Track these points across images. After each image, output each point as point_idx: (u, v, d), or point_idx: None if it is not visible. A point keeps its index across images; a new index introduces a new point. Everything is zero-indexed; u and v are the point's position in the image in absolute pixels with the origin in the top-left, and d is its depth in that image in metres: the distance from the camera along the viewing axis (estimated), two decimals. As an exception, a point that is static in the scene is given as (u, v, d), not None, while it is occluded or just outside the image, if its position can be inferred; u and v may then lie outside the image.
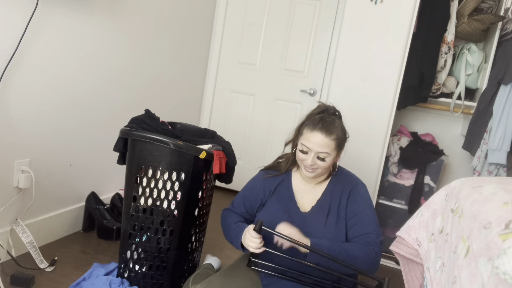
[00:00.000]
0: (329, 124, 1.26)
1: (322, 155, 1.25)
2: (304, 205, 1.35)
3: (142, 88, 2.32)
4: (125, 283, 1.50)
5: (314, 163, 1.27)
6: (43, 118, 1.68)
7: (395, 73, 2.18)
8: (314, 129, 1.25)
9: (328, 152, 1.25)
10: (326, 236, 1.26)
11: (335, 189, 1.35)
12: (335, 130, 1.26)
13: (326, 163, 1.27)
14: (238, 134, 3.06)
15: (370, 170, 2.25)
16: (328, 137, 1.24)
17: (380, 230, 1.29)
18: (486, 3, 2.24)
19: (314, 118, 1.28)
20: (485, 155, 1.94)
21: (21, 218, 1.64)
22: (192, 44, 2.79)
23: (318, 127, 1.25)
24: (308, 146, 1.25)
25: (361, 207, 1.30)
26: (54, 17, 1.63)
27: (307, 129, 1.27)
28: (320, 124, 1.25)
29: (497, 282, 0.64)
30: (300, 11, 2.81)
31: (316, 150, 1.25)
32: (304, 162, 1.29)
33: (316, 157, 1.26)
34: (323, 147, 1.24)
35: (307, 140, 1.26)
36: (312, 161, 1.26)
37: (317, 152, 1.25)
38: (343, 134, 1.29)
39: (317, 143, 1.24)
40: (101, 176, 2.12)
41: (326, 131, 1.24)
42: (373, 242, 1.24)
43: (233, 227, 1.32)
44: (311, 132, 1.25)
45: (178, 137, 1.57)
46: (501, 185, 0.87)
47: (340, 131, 1.27)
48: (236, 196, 1.48)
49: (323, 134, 1.24)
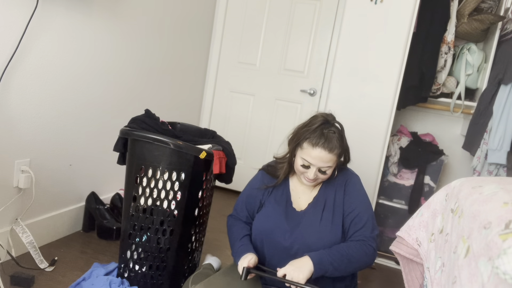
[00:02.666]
0: (331, 139, 1.23)
1: (324, 168, 1.25)
2: (301, 204, 1.36)
3: (142, 88, 2.32)
4: (125, 283, 1.50)
5: (316, 177, 1.27)
6: (43, 118, 1.68)
7: (395, 73, 2.19)
8: (317, 145, 1.22)
9: (330, 166, 1.25)
10: (322, 231, 1.26)
11: (330, 184, 1.35)
12: (337, 143, 1.23)
13: (327, 175, 1.28)
14: (238, 134, 3.06)
15: (370, 170, 2.25)
16: (331, 153, 1.22)
17: (375, 223, 1.30)
18: (486, 3, 2.24)
19: (315, 131, 1.24)
20: (485, 155, 1.94)
21: (21, 218, 1.64)
22: (192, 44, 2.79)
23: (321, 143, 1.21)
24: (311, 162, 1.24)
25: (357, 202, 1.31)
26: (54, 17, 1.63)
27: (308, 144, 1.24)
28: (322, 139, 1.22)
29: (497, 282, 0.64)
30: (300, 11, 2.81)
31: (319, 166, 1.24)
32: (305, 175, 1.29)
33: (318, 171, 1.26)
34: (325, 162, 1.23)
35: (309, 155, 1.23)
36: (314, 175, 1.26)
37: (319, 167, 1.25)
38: (344, 145, 1.28)
39: (320, 159, 1.22)
40: (101, 176, 2.12)
41: (328, 146, 1.21)
42: (369, 237, 1.25)
43: (237, 245, 1.32)
44: (313, 148, 1.22)
45: (178, 137, 1.57)
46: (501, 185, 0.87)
47: (341, 143, 1.26)
48: (237, 200, 1.48)
49: (326, 150, 1.21)
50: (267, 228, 1.31)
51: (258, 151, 3.02)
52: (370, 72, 2.23)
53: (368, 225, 1.27)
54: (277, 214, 1.33)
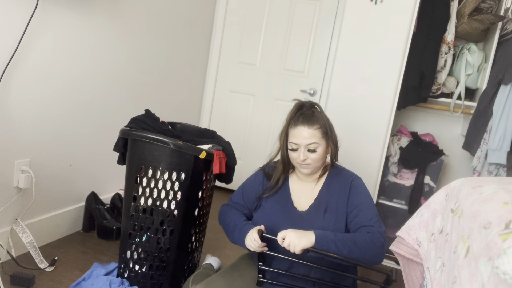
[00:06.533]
0: (309, 116, 1.30)
1: (311, 146, 1.28)
2: (301, 204, 1.36)
3: (142, 88, 2.32)
4: (125, 283, 1.50)
5: (306, 157, 1.29)
6: (43, 118, 1.68)
7: (395, 73, 2.18)
8: (297, 124, 1.29)
9: (317, 142, 1.28)
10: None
11: (332, 186, 1.35)
12: (316, 119, 1.29)
13: (318, 154, 1.29)
14: (238, 134, 3.06)
15: (370, 170, 2.25)
16: (311, 128, 1.28)
17: (381, 221, 1.29)
18: (486, 3, 2.24)
19: (294, 115, 1.33)
20: (485, 155, 1.94)
21: (21, 218, 1.64)
22: (192, 44, 2.79)
23: (300, 121, 1.29)
24: (296, 142, 1.29)
25: (362, 199, 1.30)
26: (54, 17, 1.63)
27: (290, 128, 1.32)
28: (301, 118, 1.30)
29: (497, 282, 0.64)
30: (300, 11, 2.81)
31: (305, 143, 1.28)
32: (297, 160, 1.30)
33: (306, 151, 1.28)
34: (309, 138, 1.27)
35: (293, 136, 1.30)
36: (304, 156, 1.28)
37: (306, 145, 1.28)
38: (326, 122, 1.32)
39: (303, 136, 1.27)
40: (101, 176, 2.12)
41: (307, 122, 1.28)
42: (376, 231, 1.23)
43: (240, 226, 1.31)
44: (295, 128, 1.30)
45: (178, 137, 1.57)
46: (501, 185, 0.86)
47: (322, 119, 1.31)
48: (234, 192, 1.49)
49: (305, 126, 1.28)
50: (268, 224, 1.30)
51: (258, 151, 3.02)
52: (370, 72, 2.23)
53: (374, 221, 1.25)
54: (278, 212, 1.33)
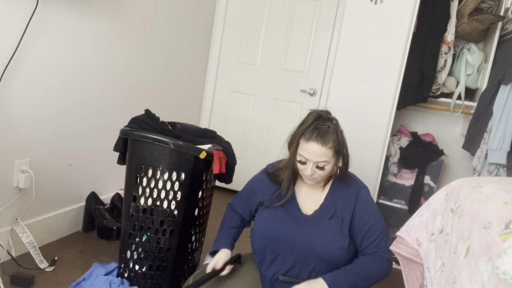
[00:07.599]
0: (324, 132, 1.23)
1: (321, 164, 1.24)
2: (305, 208, 1.34)
3: (142, 88, 2.32)
4: (125, 283, 1.50)
5: (314, 172, 1.26)
6: (43, 118, 1.68)
7: (395, 73, 2.19)
8: (310, 139, 1.23)
9: (327, 161, 1.24)
10: (329, 236, 1.25)
11: (338, 193, 1.34)
12: (331, 137, 1.23)
13: (325, 172, 1.26)
14: (238, 134, 3.06)
15: (370, 170, 2.25)
16: (324, 146, 1.22)
17: (388, 234, 1.29)
18: (486, 3, 2.24)
19: (309, 127, 1.26)
20: (485, 155, 1.94)
21: (21, 218, 1.64)
22: (192, 44, 2.79)
23: (313, 136, 1.23)
24: (306, 156, 1.24)
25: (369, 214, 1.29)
26: (54, 17, 1.63)
27: (302, 140, 1.26)
28: (315, 133, 1.23)
29: (497, 282, 0.64)
30: (300, 11, 2.81)
31: (314, 160, 1.23)
32: (304, 172, 1.28)
33: (315, 167, 1.25)
34: (320, 156, 1.23)
35: (304, 150, 1.25)
36: (311, 171, 1.25)
37: (315, 162, 1.24)
38: (340, 140, 1.27)
39: (314, 153, 1.23)
40: (101, 176, 2.12)
41: (321, 140, 1.22)
42: (384, 248, 1.24)
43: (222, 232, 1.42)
44: (307, 143, 1.24)
45: (178, 137, 1.57)
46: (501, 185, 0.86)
47: (336, 137, 1.25)
48: (240, 191, 1.48)
49: (319, 144, 1.22)
50: (271, 225, 1.30)
51: (258, 151, 3.02)
52: (370, 72, 2.23)
53: (382, 237, 1.26)
54: (282, 212, 1.32)
